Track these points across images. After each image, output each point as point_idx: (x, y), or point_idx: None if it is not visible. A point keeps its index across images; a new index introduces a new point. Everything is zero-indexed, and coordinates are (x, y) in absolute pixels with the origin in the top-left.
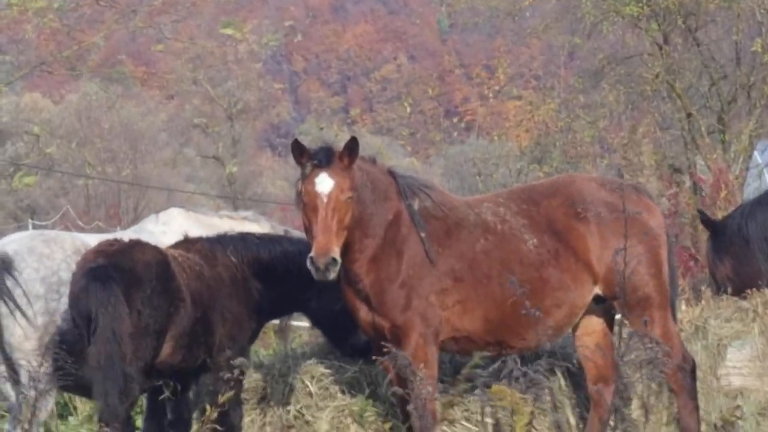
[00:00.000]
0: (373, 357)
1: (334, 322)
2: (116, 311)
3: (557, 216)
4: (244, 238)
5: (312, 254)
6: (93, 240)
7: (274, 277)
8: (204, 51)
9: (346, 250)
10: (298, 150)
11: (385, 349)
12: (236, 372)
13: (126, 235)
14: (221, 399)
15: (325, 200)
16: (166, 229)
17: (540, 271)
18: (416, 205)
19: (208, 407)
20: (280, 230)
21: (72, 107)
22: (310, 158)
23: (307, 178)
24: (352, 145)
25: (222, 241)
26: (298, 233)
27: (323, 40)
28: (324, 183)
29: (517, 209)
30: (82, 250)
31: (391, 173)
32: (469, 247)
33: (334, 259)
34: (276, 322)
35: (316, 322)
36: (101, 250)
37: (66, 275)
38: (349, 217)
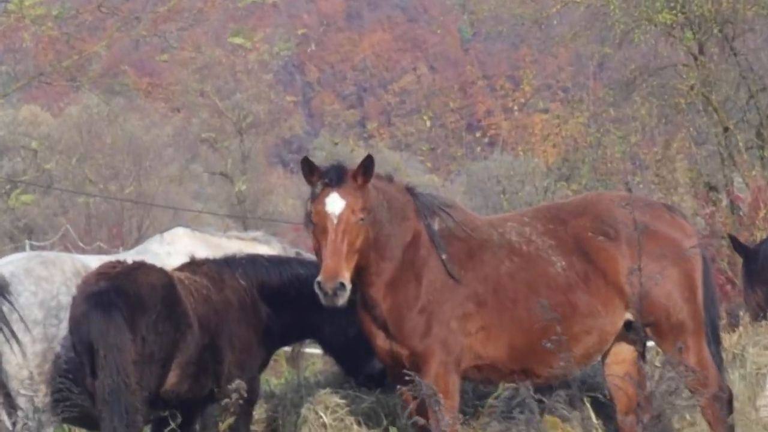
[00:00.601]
0: (397, 386)
1: (347, 349)
2: (119, 340)
3: (586, 236)
4: (253, 260)
5: (319, 278)
6: (94, 262)
7: (285, 302)
8: (212, 61)
9: (361, 273)
10: (308, 168)
11: (407, 377)
12: (234, 397)
13: (129, 256)
14: (221, 427)
15: (335, 222)
16: (171, 249)
17: (568, 296)
18: (436, 225)
19: None
20: (291, 252)
21: (72, 120)
22: (320, 177)
23: (317, 198)
24: (368, 163)
25: (230, 263)
26: (311, 256)
27: (338, 49)
28: (334, 203)
29: (543, 229)
30: (83, 273)
31: (410, 191)
32: (493, 269)
33: (342, 284)
34: (287, 349)
35: (328, 349)
36: (103, 273)
37: (66, 299)
38: (361, 239)
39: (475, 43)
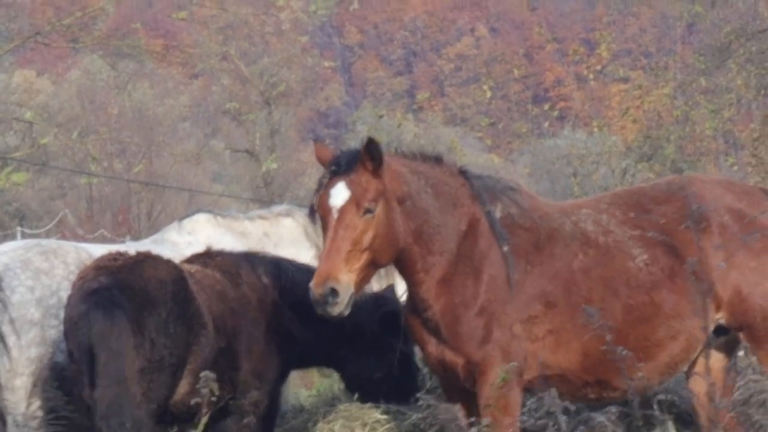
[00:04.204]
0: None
1: (369, 390)
2: (122, 344)
3: (672, 226)
4: (278, 262)
5: (311, 283)
6: (102, 252)
7: (308, 316)
8: (237, 20)
9: (407, 271)
10: (321, 152)
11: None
12: (204, 392)
13: (142, 246)
14: (197, 429)
15: (335, 216)
16: (192, 239)
17: (651, 295)
18: (498, 213)
19: None
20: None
21: (73, 88)
22: (331, 163)
23: (322, 189)
24: (370, 148)
25: (251, 258)
26: None
27: (384, 7)
28: (337, 195)
29: (623, 218)
30: None
31: (464, 174)
32: (564, 264)
33: (334, 290)
34: None
35: (348, 384)
36: (103, 267)
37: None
38: (370, 236)
39: (544, 1)
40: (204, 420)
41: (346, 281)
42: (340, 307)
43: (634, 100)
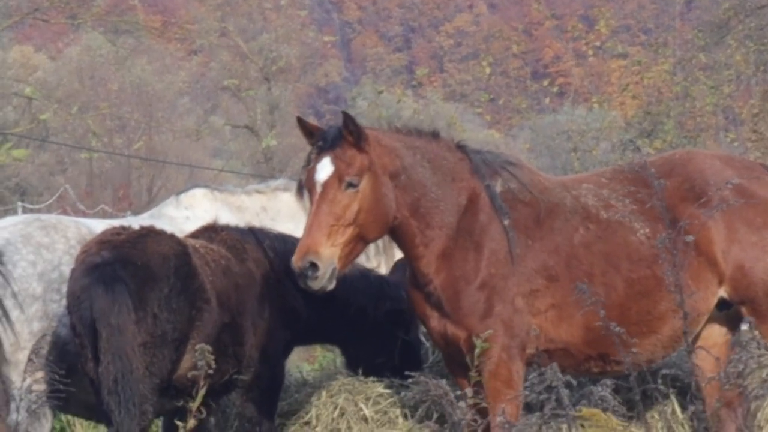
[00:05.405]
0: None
1: (370, 370)
2: (123, 319)
3: (673, 201)
4: (284, 238)
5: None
6: (102, 227)
7: (312, 296)
8: None
9: (406, 245)
10: (305, 129)
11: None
12: (200, 364)
13: (140, 221)
14: (192, 404)
15: (319, 190)
16: (189, 214)
17: (653, 269)
18: (498, 187)
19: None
20: None
21: (72, 64)
22: (317, 139)
23: (309, 164)
24: (347, 122)
25: (257, 233)
26: None
27: None
28: (322, 170)
29: (624, 192)
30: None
31: (462, 149)
32: (565, 238)
33: (314, 264)
34: None
35: (347, 364)
36: (105, 241)
37: (69, 270)
38: (354, 211)
39: None
40: (201, 392)
41: (327, 255)
42: (321, 281)
43: (633, 76)
